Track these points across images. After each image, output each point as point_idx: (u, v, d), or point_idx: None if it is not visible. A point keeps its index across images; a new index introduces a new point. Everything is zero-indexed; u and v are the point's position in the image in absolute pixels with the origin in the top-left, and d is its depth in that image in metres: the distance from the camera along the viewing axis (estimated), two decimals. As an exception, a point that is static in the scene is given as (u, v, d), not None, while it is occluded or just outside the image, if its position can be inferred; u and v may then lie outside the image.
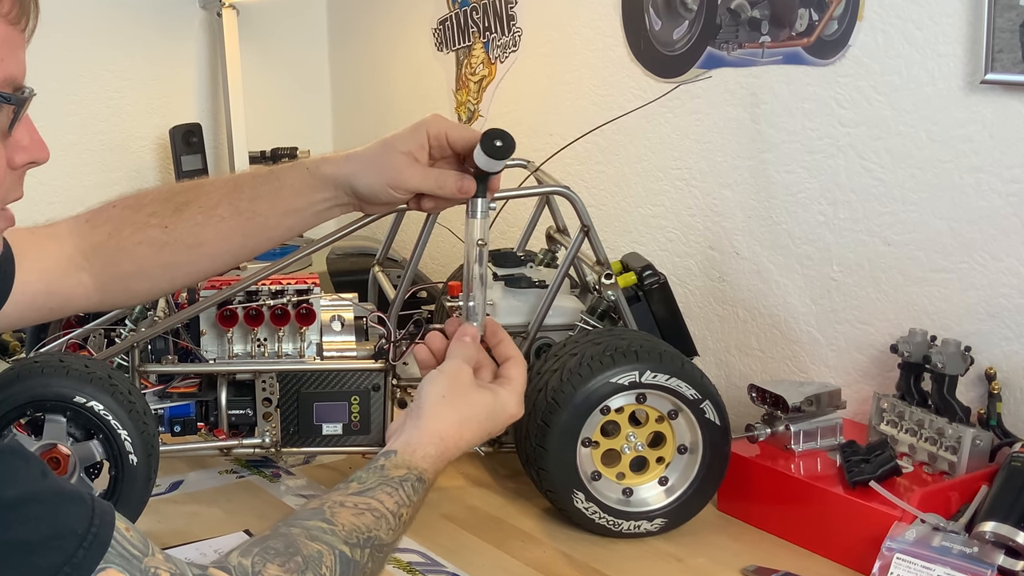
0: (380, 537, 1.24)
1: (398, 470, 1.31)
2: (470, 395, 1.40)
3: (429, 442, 1.35)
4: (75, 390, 1.66)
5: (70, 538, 0.96)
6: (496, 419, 1.41)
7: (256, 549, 1.12)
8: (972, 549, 1.51)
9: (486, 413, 1.40)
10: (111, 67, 2.98)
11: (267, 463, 2.07)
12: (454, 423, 1.37)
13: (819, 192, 2.02)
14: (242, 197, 1.55)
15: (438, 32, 2.86)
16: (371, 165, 1.54)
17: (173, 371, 1.87)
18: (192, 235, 1.54)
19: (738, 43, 2.10)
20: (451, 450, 1.37)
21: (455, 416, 1.38)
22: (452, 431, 1.37)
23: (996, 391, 1.74)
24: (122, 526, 1.01)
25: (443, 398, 1.38)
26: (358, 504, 1.24)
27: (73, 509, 0.98)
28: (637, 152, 2.35)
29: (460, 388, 1.40)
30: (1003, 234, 1.77)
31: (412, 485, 1.31)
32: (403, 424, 1.38)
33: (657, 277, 1.96)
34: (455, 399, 1.39)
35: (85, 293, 1.57)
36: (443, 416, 1.37)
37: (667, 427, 1.77)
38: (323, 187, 1.55)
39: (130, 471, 1.68)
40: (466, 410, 1.39)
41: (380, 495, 1.27)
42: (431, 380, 1.40)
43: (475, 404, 1.40)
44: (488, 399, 1.41)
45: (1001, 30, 1.70)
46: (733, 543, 1.77)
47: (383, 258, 2.22)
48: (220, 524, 1.84)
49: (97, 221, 1.57)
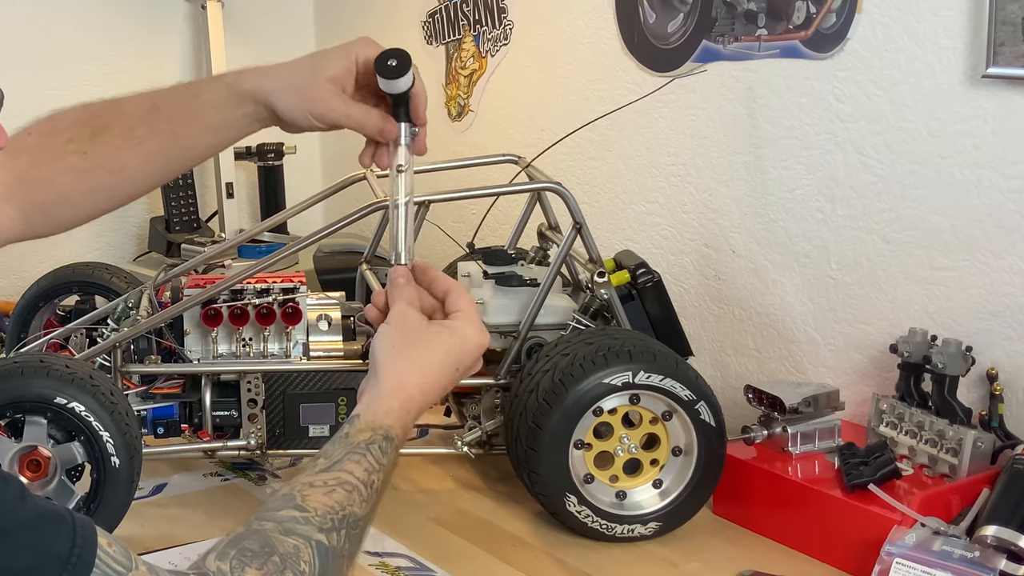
0: (354, 512, 1.22)
1: (362, 434, 1.28)
2: (422, 337, 1.35)
3: (389, 395, 1.31)
4: (56, 391, 1.65)
5: (54, 563, 0.96)
6: (459, 354, 1.36)
7: (232, 551, 1.12)
8: (973, 554, 1.51)
9: (444, 350, 1.35)
10: (92, 60, 2.97)
11: (253, 466, 2.06)
12: (413, 370, 1.33)
13: (817, 188, 2.01)
14: (160, 117, 1.51)
15: (427, 25, 2.85)
16: (295, 88, 1.50)
17: (156, 371, 1.86)
18: (113, 160, 1.52)
19: (734, 36, 2.10)
20: (416, 397, 1.33)
21: (412, 363, 1.33)
22: (412, 378, 1.33)
23: (998, 392, 1.74)
24: (104, 542, 1.00)
25: (394, 348, 1.34)
26: (327, 481, 1.22)
27: (55, 532, 0.98)
28: (631, 148, 2.34)
29: (410, 333, 1.35)
30: (1005, 231, 1.77)
31: (379, 447, 1.28)
32: (364, 387, 1.35)
33: (651, 275, 1.96)
34: (407, 345, 1.34)
35: (10, 226, 1.54)
36: (398, 366, 1.33)
37: (661, 429, 1.77)
38: (243, 102, 1.50)
39: (112, 473, 1.67)
40: (422, 354, 1.34)
41: (348, 465, 1.25)
42: (380, 335, 1.36)
43: (430, 345, 1.35)
44: (444, 336, 1.36)
45: (1003, 23, 1.70)
46: (729, 547, 1.77)
47: (371, 256, 2.22)
48: (204, 528, 1.83)
49: (15, 151, 1.52)
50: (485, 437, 1.89)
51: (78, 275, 2.31)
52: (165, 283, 2.01)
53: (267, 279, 1.93)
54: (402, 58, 1.45)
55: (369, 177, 2.05)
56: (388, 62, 1.44)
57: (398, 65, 1.44)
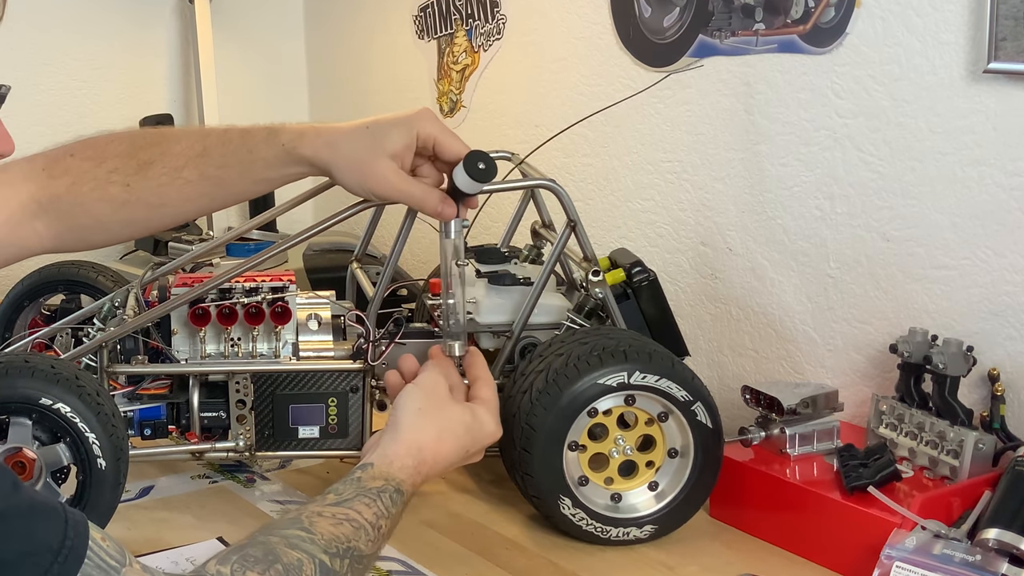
0: (359, 548, 1.23)
1: (375, 481, 1.32)
2: (447, 409, 1.42)
3: (407, 453, 1.36)
4: (41, 391, 1.65)
5: (45, 554, 0.96)
6: (474, 436, 1.43)
7: (234, 557, 1.12)
8: (975, 557, 1.50)
9: (464, 428, 1.42)
10: (79, 55, 2.97)
11: (241, 467, 2.06)
12: (432, 436, 1.39)
13: (815, 186, 2.01)
14: (209, 163, 1.55)
15: (419, 19, 2.85)
16: (355, 164, 1.54)
17: (143, 372, 1.86)
18: (155, 196, 1.55)
19: (731, 31, 2.10)
20: (428, 463, 1.38)
21: (433, 429, 1.39)
22: (430, 443, 1.38)
23: (1000, 393, 1.74)
24: (97, 535, 1.01)
25: (420, 411, 1.40)
26: (336, 515, 1.24)
27: (47, 523, 0.98)
28: (626, 144, 2.34)
29: (437, 401, 1.42)
30: (1007, 229, 1.77)
31: (390, 496, 1.31)
32: (379, 439, 1.39)
33: (647, 274, 1.95)
34: (432, 412, 1.40)
35: (39, 242, 1.57)
36: (421, 428, 1.38)
37: (657, 430, 1.77)
38: (297, 164, 1.57)
39: (98, 476, 1.67)
40: (444, 423, 1.40)
41: (358, 506, 1.27)
42: (408, 394, 1.42)
43: (452, 418, 1.41)
44: (466, 415, 1.43)
45: (1005, 17, 1.70)
46: (726, 551, 1.77)
47: (361, 254, 2.21)
48: (192, 531, 1.83)
49: (55, 171, 1.55)
50: (478, 438, 1.89)
51: (64, 273, 2.30)
52: (152, 282, 2.00)
53: (256, 278, 1.92)
54: (491, 165, 1.53)
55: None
56: (478, 164, 1.52)
57: (486, 170, 1.52)
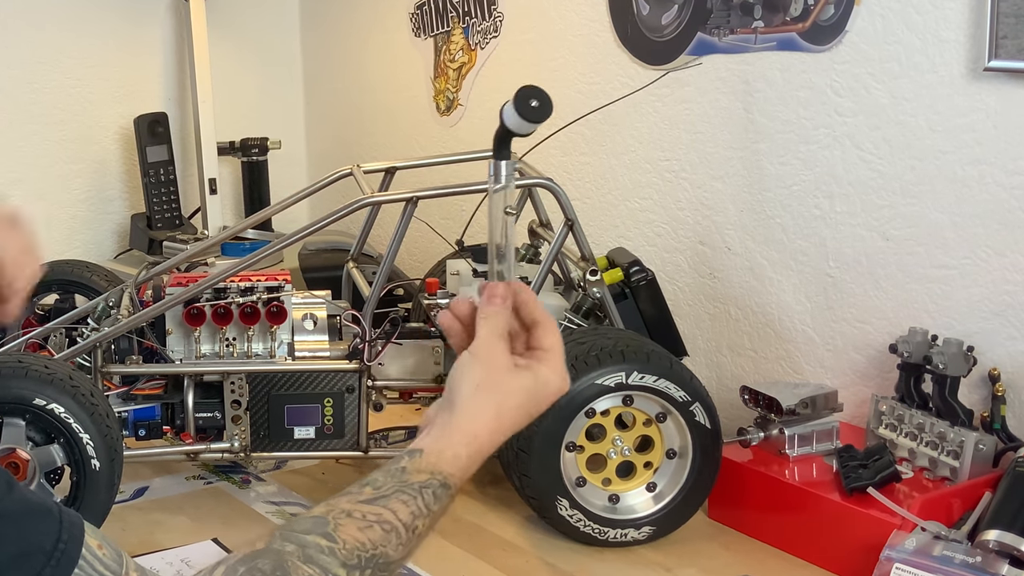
0: (386, 554, 1.17)
1: (420, 475, 1.22)
2: (508, 381, 1.28)
3: (460, 442, 1.25)
4: (35, 392, 1.65)
5: (37, 555, 0.95)
6: (537, 399, 1.30)
7: (242, 568, 1.09)
8: (975, 558, 1.50)
9: (525, 395, 1.29)
10: (73, 54, 2.96)
11: (236, 468, 2.06)
12: (490, 416, 1.27)
13: (815, 185, 2.01)
14: None
15: (415, 17, 2.85)
16: None
17: (138, 372, 1.86)
18: None
19: (730, 28, 2.10)
20: (485, 447, 1.27)
21: (491, 408, 1.27)
22: (487, 426, 1.27)
23: (1000, 393, 1.73)
24: (94, 543, 1.00)
25: (478, 388, 1.27)
26: (367, 515, 1.17)
27: (41, 524, 0.97)
28: (624, 143, 2.34)
29: (496, 375, 1.28)
30: (1007, 228, 1.77)
31: (434, 492, 1.22)
32: (434, 417, 1.28)
33: (645, 273, 1.95)
34: (491, 389, 1.27)
35: None
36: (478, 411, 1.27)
37: (655, 431, 1.77)
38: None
39: (92, 477, 1.67)
40: (504, 399, 1.27)
41: (394, 504, 1.19)
42: (464, 367, 1.28)
43: (514, 391, 1.28)
44: (528, 381, 1.29)
45: (1005, 15, 1.70)
46: (724, 552, 1.77)
47: (357, 254, 2.21)
48: (187, 532, 1.83)
49: None
50: (475, 439, 1.89)
51: (58, 273, 2.29)
52: (147, 281, 2.00)
53: (251, 277, 1.92)
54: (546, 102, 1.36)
55: (356, 173, 2.04)
56: (531, 101, 1.35)
57: (539, 108, 1.35)
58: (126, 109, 3.01)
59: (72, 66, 2.96)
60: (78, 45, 2.96)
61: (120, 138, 3.04)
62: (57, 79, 2.94)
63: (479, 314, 1.31)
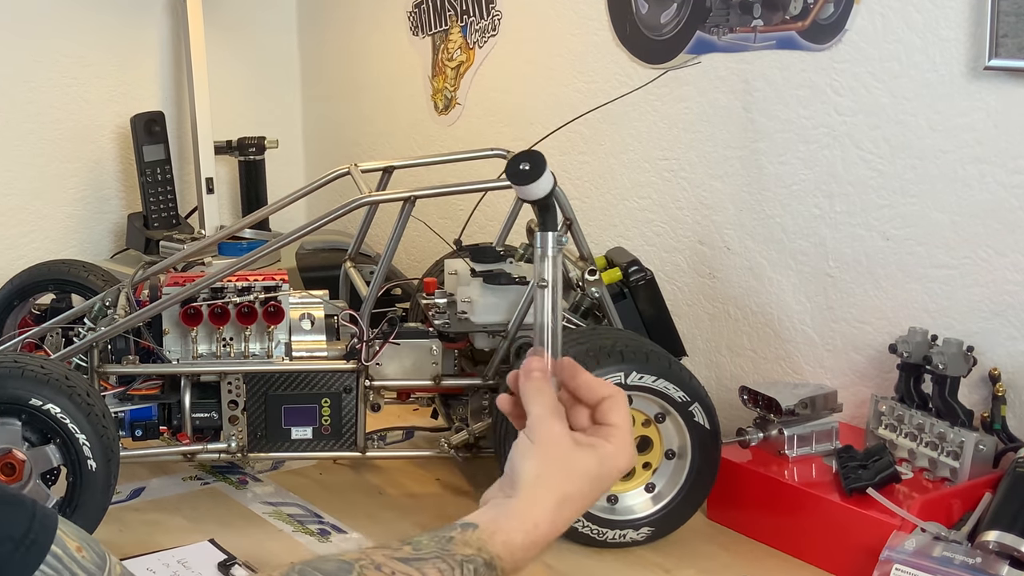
0: None
1: (466, 548, 1.15)
2: (571, 466, 1.21)
3: (518, 528, 1.18)
4: (31, 392, 1.65)
5: (6, 542, 0.95)
6: (602, 480, 1.23)
7: None
8: (975, 559, 1.50)
9: (589, 481, 1.21)
10: (69, 53, 2.95)
11: (233, 469, 2.05)
12: (552, 506, 1.19)
13: (814, 184, 2.01)
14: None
15: (413, 16, 2.84)
16: None
17: (134, 372, 1.85)
18: None
19: (729, 27, 2.10)
20: (545, 537, 1.19)
21: (553, 498, 1.19)
22: (549, 515, 1.19)
23: (1000, 393, 1.73)
24: (73, 544, 0.99)
25: (539, 478, 1.19)
26: (396, 572, 1.11)
27: (12, 514, 0.97)
28: (622, 142, 2.34)
29: (557, 459, 1.20)
30: (1007, 228, 1.77)
31: (475, 570, 1.14)
32: (496, 494, 1.21)
33: (643, 273, 1.95)
34: (553, 476, 1.20)
35: None
36: (539, 499, 1.19)
37: (654, 431, 1.76)
38: None
39: (89, 477, 1.66)
40: (566, 486, 1.20)
41: (429, 569, 1.12)
42: (523, 451, 1.20)
43: (576, 476, 1.21)
44: (592, 462, 1.21)
45: (1006, 13, 1.69)
46: (723, 553, 1.77)
47: (355, 253, 2.21)
48: (184, 533, 1.83)
49: None
50: (472, 440, 1.89)
51: (54, 272, 2.29)
52: (143, 281, 2.00)
53: (248, 277, 1.92)
54: (536, 161, 1.29)
55: (353, 172, 2.04)
56: (520, 166, 1.28)
57: (531, 169, 1.28)
58: (122, 108, 3.01)
59: (68, 65, 2.96)
60: (74, 44, 2.96)
61: (116, 137, 3.04)
62: (53, 78, 2.93)
63: (523, 390, 1.25)
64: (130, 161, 2.99)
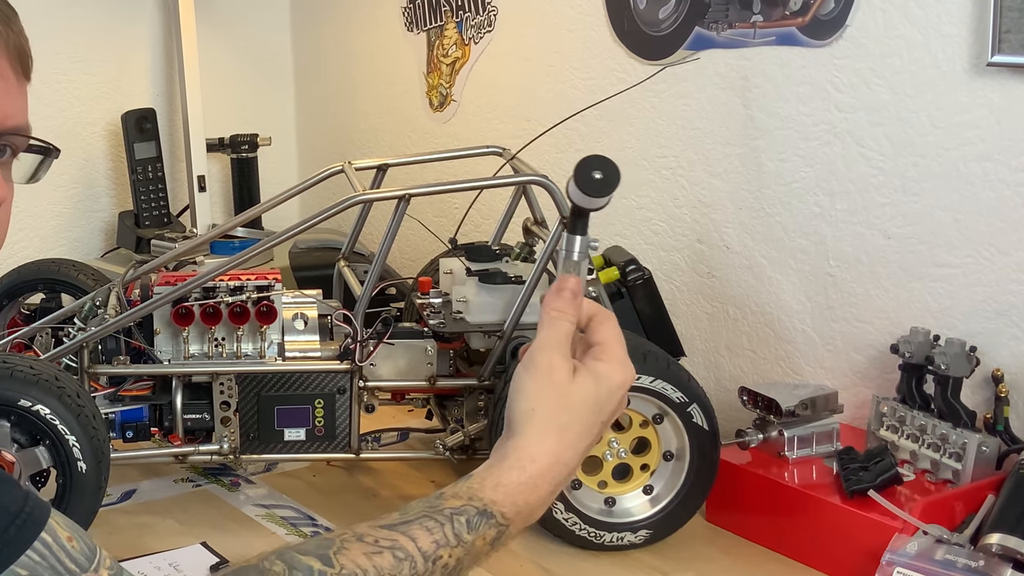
0: None
1: (455, 500, 1.13)
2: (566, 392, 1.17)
3: (512, 466, 1.15)
4: (20, 393, 1.64)
5: (2, 515, 0.95)
6: (603, 401, 1.18)
7: None
8: (977, 562, 1.50)
9: (588, 406, 1.17)
10: (59, 48, 2.95)
11: (225, 471, 2.05)
12: (550, 437, 1.16)
13: (815, 182, 2.01)
14: None
15: (408, 11, 2.84)
16: None
17: (125, 373, 1.85)
18: None
19: (728, 23, 2.10)
20: (549, 471, 1.16)
21: (550, 429, 1.16)
22: (548, 447, 1.15)
23: (1003, 394, 1.73)
24: (64, 534, 0.99)
25: (532, 412, 1.16)
26: (380, 540, 1.09)
27: (8, 492, 0.97)
28: (620, 139, 2.34)
29: (552, 389, 1.17)
30: (1011, 227, 1.77)
31: (467, 520, 1.12)
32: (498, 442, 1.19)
33: (641, 272, 1.95)
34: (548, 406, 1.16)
35: None
36: (534, 432, 1.16)
37: (652, 432, 1.76)
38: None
39: (79, 479, 1.66)
40: (563, 415, 1.16)
41: (415, 530, 1.10)
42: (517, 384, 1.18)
43: (574, 402, 1.17)
44: (588, 386, 1.17)
45: (1009, 9, 1.69)
46: (722, 556, 1.77)
47: (349, 252, 2.21)
48: (175, 536, 1.83)
49: None
50: (468, 441, 1.89)
51: (43, 272, 2.29)
52: (134, 280, 2.00)
53: (240, 276, 1.91)
54: (609, 171, 1.21)
55: (347, 170, 2.04)
56: (593, 173, 1.20)
57: (604, 180, 1.20)
58: (113, 105, 3.00)
59: (58, 61, 2.95)
60: (64, 40, 2.95)
61: (107, 134, 3.03)
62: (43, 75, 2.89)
63: (543, 309, 1.21)
64: (121, 159, 2.98)
